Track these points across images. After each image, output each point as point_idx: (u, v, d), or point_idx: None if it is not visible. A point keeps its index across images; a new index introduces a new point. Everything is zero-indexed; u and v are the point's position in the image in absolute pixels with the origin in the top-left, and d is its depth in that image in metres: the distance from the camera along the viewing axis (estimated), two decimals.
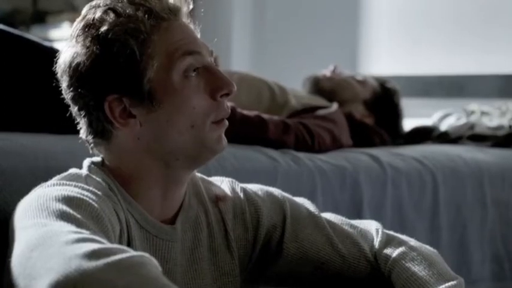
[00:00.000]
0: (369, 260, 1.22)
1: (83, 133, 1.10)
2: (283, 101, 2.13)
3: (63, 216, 0.92)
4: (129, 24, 1.04)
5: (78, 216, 0.93)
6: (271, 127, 1.85)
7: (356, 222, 1.27)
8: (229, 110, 1.12)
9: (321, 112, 2.09)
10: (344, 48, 3.71)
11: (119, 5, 1.06)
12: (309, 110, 2.11)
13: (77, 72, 1.05)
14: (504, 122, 2.56)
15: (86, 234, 0.89)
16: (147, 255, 0.87)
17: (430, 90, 3.39)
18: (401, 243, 1.21)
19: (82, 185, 1.03)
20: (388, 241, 1.23)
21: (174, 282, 1.09)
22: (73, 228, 0.90)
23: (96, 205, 0.98)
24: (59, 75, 1.09)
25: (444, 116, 2.68)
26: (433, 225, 2.05)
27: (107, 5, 1.07)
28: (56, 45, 1.69)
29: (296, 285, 1.28)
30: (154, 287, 0.83)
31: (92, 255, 0.83)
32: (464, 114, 2.68)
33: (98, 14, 1.06)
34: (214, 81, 1.09)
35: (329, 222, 1.25)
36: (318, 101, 2.23)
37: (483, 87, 3.23)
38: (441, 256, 1.22)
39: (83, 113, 1.08)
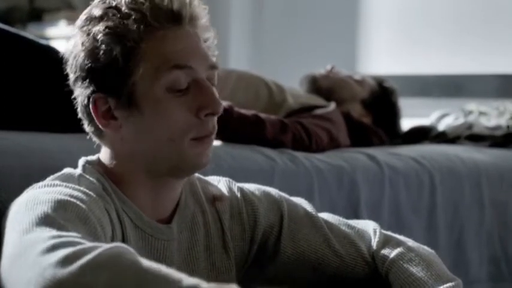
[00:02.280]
0: (367, 261, 1.21)
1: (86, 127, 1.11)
2: (281, 100, 2.12)
3: (45, 221, 0.91)
4: (117, 30, 1.03)
5: (60, 219, 0.92)
6: (268, 126, 1.84)
7: (353, 223, 1.27)
8: (214, 129, 1.09)
9: (318, 111, 2.09)
10: (342, 47, 3.71)
11: (120, 5, 1.05)
12: (307, 109, 2.10)
13: (74, 62, 1.07)
14: (502, 122, 2.56)
15: (63, 238, 0.87)
16: (119, 244, 0.86)
17: (428, 89, 3.39)
18: (399, 243, 1.21)
19: (73, 185, 1.02)
20: (386, 241, 1.22)
21: None
22: (53, 232, 0.89)
23: (84, 206, 0.97)
24: (65, 60, 1.09)
25: (442, 115, 2.68)
26: (431, 226, 2.04)
27: (110, 3, 1.05)
28: (53, 44, 1.69)
29: (293, 286, 1.27)
30: (134, 274, 0.82)
31: (65, 261, 0.82)
32: (462, 114, 2.68)
33: (99, 10, 1.05)
34: (201, 99, 1.06)
35: (326, 222, 1.24)
36: (316, 100, 2.23)
37: (481, 87, 3.23)
38: (438, 257, 1.22)
39: (81, 107, 1.08)
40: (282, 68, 3.57)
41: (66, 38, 1.13)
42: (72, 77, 1.08)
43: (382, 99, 2.44)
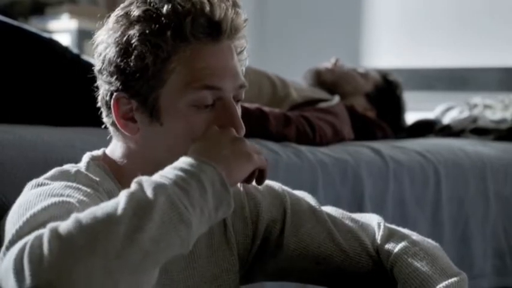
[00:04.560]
0: (371, 255, 1.21)
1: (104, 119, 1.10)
2: (284, 94, 2.11)
3: (30, 227, 0.89)
4: (153, 39, 1.01)
5: (46, 221, 0.90)
6: (272, 120, 1.84)
7: (357, 216, 1.26)
8: None
9: (322, 105, 2.08)
10: (346, 41, 3.70)
11: (160, 11, 1.01)
12: (310, 103, 2.10)
13: (103, 52, 1.04)
14: (507, 115, 2.55)
15: (31, 246, 0.85)
16: (50, 225, 0.85)
17: (432, 83, 3.38)
18: (403, 237, 1.20)
19: (66, 182, 1.01)
20: (390, 235, 1.21)
21: (171, 280, 1.08)
22: (31, 236, 0.86)
23: (75, 203, 0.96)
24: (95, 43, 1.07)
25: (447, 109, 2.67)
26: (435, 219, 2.04)
27: (152, 5, 1.02)
28: (55, 37, 1.68)
29: (297, 280, 1.27)
30: (93, 226, 0.83)
31: (33, 276, 0.81)
32: (467, 108, 2.67)
33: (138, 11, 1.02)
34: (224, 120, 1.04)
35: (330, 216, 1.23)
36: (320, 93, 2.22)
37: (486, 80, 3.22)
38: (443, 250, 1.21)
39: (102, 99, 1.07)
40: (285, 63, 3.56)
41: (69, 32, 1.11)
42: (98, 65, 1.06)
43: (386, 92, 2.43)
